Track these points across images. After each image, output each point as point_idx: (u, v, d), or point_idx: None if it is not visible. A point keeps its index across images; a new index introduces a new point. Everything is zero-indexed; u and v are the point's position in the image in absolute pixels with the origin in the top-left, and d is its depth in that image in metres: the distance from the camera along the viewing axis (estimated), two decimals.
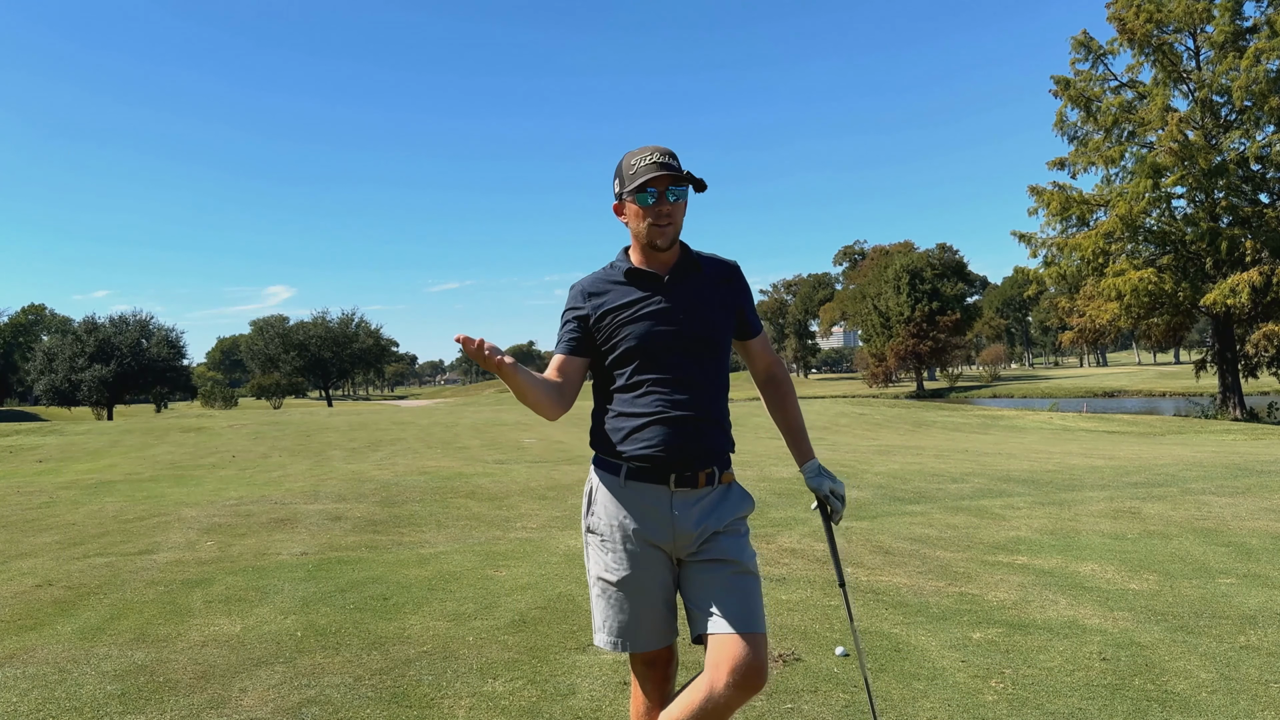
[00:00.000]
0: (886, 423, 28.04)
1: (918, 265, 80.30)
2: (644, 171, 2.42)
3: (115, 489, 10.84)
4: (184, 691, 3.78)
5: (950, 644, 4.34)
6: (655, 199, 2.43)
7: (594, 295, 2.53)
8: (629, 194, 2.45)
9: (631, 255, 2.58)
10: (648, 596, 2.47)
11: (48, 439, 21.49)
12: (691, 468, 2.45)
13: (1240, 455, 14.45)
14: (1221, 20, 29.93)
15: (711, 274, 2.59)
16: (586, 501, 2.58)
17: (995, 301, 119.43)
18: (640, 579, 2.46)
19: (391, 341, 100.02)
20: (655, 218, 2.45)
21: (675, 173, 2.41)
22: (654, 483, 2.45)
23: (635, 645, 2.48)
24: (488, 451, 15.76)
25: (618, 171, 2.51)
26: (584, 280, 2.59)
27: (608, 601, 2.49)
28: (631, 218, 2.50)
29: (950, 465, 12.39)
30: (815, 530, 7.29)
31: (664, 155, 2.44)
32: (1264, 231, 29.60)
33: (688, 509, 2.45)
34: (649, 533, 2.45)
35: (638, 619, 2.47)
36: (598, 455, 2.56)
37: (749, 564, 2.47)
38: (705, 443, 2.48)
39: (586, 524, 2.57)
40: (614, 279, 2.54)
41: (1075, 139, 33.24)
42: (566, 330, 2.55)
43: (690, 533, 2.44)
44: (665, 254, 2.52)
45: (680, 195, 2.46)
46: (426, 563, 6.22)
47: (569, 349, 2.52)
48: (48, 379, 63.07)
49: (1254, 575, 5.66)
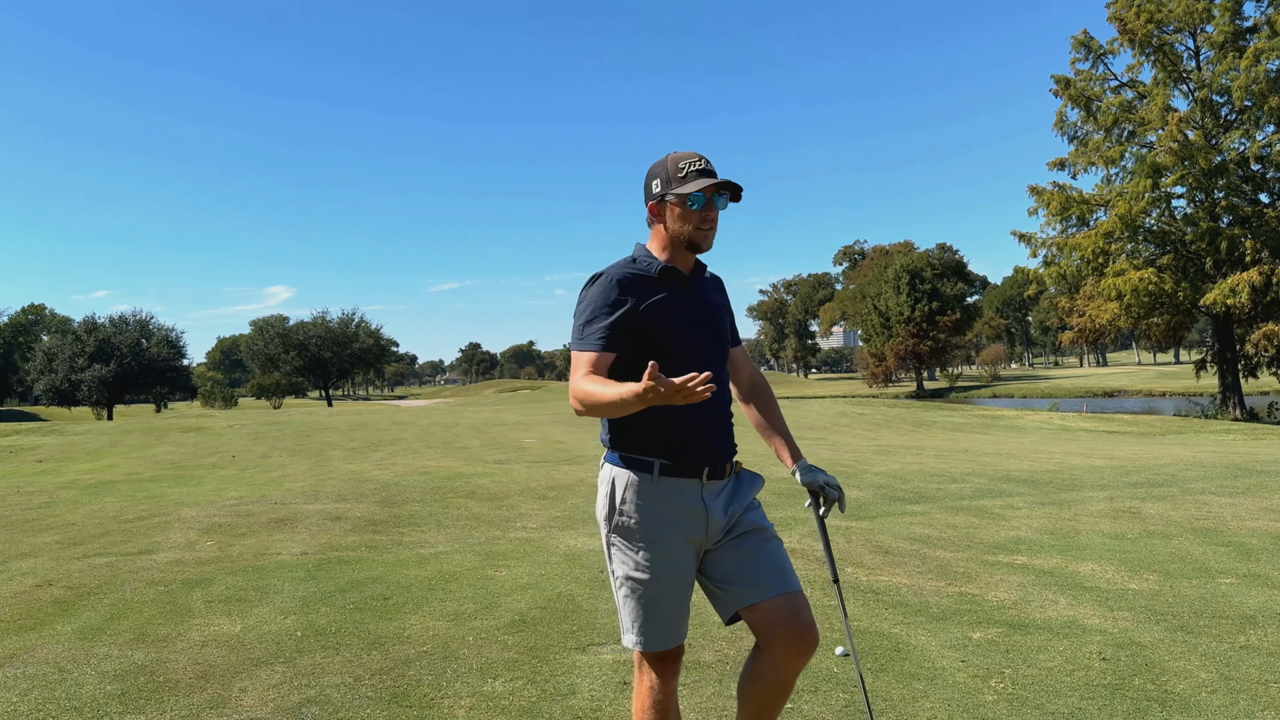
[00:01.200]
0: (886, 423, 28.04)
1: (918, 265, 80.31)
2: (694, 177, 2.47)
3: (115, 489, 10.84)
4: (184, 691, 3.78)
5: (950, 644, 4.34)
6: (703, 204, 2.49)
7: (628, 289, 2.48)
8: (675, 196, 2.48)
9: (657, 253, 2.59)
10: (678, 593, 2.50)
11: (48, 439, 21.49)
12: (720, 460, 2.54)
13: (1240, 455, 14.45)
14: (1221, 20, 29.94)
15: (713, 281, 2.73)
16: (610, 502, 2.52)
17: (995, 301, 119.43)
18: (671, 577, 2.48)
19: (391, 341, 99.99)
20: (701, 222, 2.50)
21: (725, 181, 2.48)
22: (687, 477, 2.49)
23: (667, 643, 2.49)
24: (488, 451, 15.76)
25: (658, 173, 2.53)
26: (616, 270, 2.53)
27: (638, 601, 2.48)
28: (673, 219, 2.52)
29: (950, 465, 12.39)
30: (815, 530, 7.29)
31: (708, 163, 2.51)
32: (1264, 231, 29.60)
33: (716, 499, 2.53)
34: (683, 528, 2.48)
35: (668, 617, 2.49)
36: (621, 454, 2.52)
37: (771, 529, 2.60)
38: (728, 436, 2.60)
39: (614, 524, 2.51)
40: (646, 275, 2.52)
41: (1075, 139, 33.25)
42: (600, 325, 2.44)
43: (720, 521, 2.52)
44: (689, 257, 2.59)
45: (723, 204, 2.53)
46: (426, 563, 6.22)
47: (605, 345, 2.43)
48: (48, 379, 63.06)
49: (1254, 575, 5.66)
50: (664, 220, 2.54)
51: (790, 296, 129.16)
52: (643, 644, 2.48)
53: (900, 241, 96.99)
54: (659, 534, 2.46)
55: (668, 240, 2.56)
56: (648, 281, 2.51)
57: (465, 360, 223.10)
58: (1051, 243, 33.29)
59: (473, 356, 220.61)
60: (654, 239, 2.60)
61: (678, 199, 2.48)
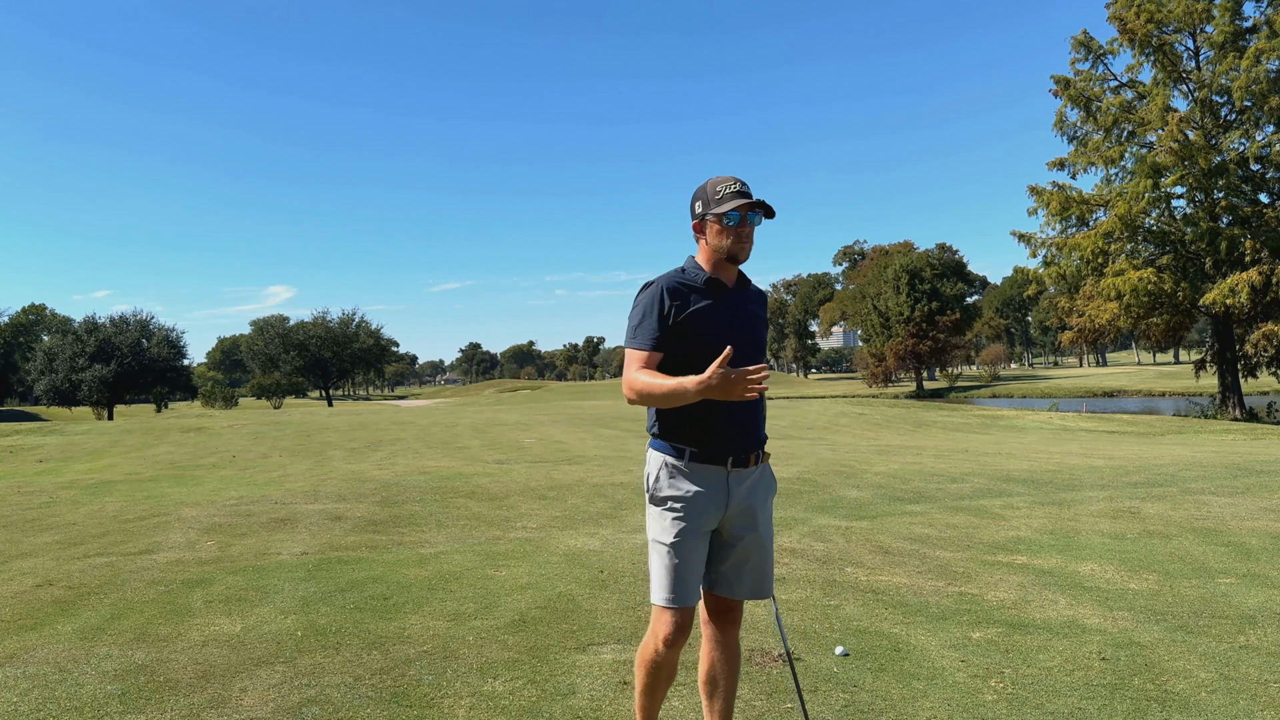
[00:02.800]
0: (886, 423, 28.05)
1: (917, 265, 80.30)
2: (730, 198, 2.84)
3: (115, 489, 10.84)
4: (184, 691, 3.78)
5: (950, 644, 4.34)
6: (739, 221, 2.85)
7: (676, 297, 2.85)
8: (714, 215, 2.86)
9: (703, 264, 2.95)
10: (698, 559, 2.88)
11: (48, 439, 21.48)
12: (746, 451, 2.90)
13: (1240, 455, 14.45)
14: (1221, 20, 29.93)
15: (755, 294, 3.07)
16: (652, 477, 2.93)
17: (995, 301, 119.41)
18: (695, 543, 2.87)
19: (391, 341, 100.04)
20: (738, 237, 2.86)
21: (757, 201, 2.84)
22: (713, 464, 2.86)
23: (684, 600, 2.85)
24: (488, 451, 15.76)
25: (700, 195, 2.92)
26: (666, 280, 2.90)
27: (663, 561, 2.86)
28: (713, 235, 2.89)
29: (950, 465, 12.39)
30: (815, 530, 7.30)
31: (743, 185, 2.88)
32: (1264, 231, 29.59)
33: (739, 485, 2.91)
34: (706, 506, 2.86)
35: (687, 578, 2.86)
36: (659, 440, 2.92)
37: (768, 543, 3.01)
38: (756, 432, 2.95)
39: (650, 496, 2.94)
40: (693, 284, 2.89)
41: (1075, 139, 33.24)
42: (650, 327, 2.84)
43: (739, 505, 2.91)
44: (732, 269, 2.95)
45: (757, 220, 2.90)
46: (426, 563, 6.22)
47: (655, 345, 2.83)
48: (48, 379, 63.04)
49: (1254, 575, 5.66)
50: (705, 236, 2.93)
51: (790, 296, 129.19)
52: (667, 599, 2.84)
53: (900, 241, 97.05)
54: (684, 509, 2.86)
55: (710, 254, 2.93)
56: (693, 290, 2.88)
57: (465, 360, 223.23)
58: (1051, 243, 33.28)
59: (473, 356, 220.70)
60: (700, 253, 2.97)
61: (716, 218, 2.86)
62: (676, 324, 2.83)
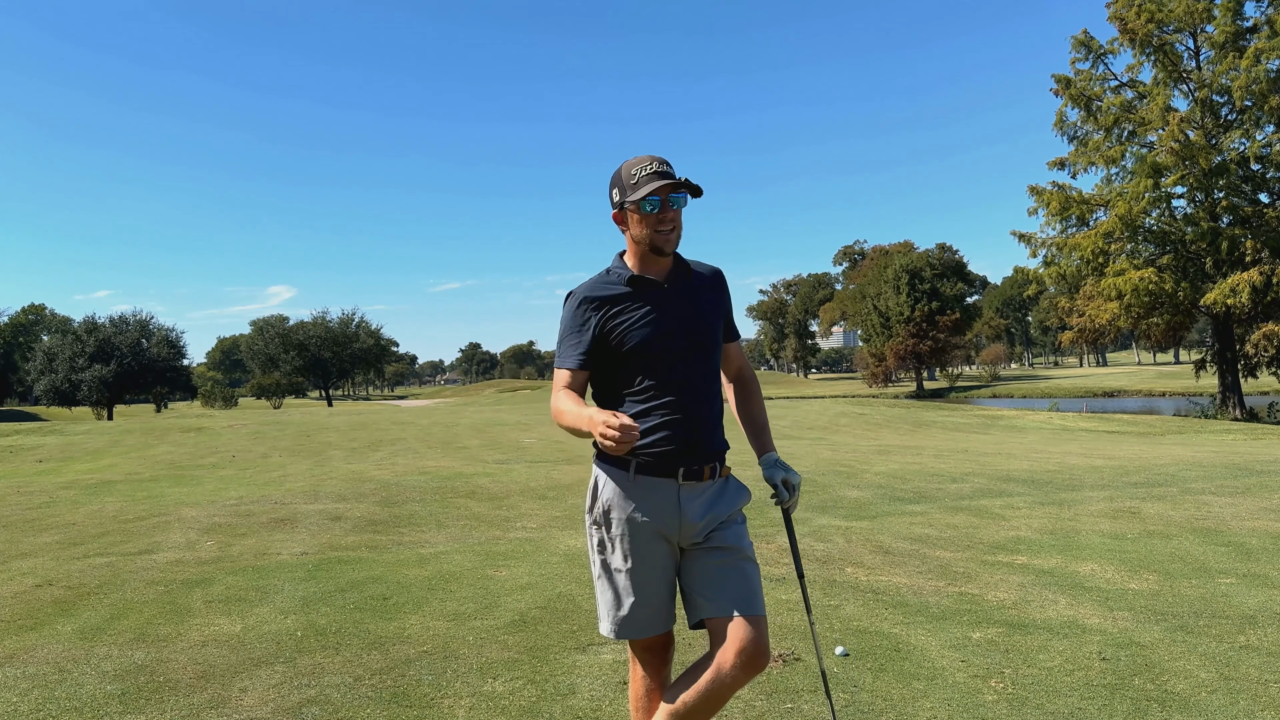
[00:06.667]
0: (886, 423, 28.05)
1: (917, 265, 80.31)
2: (646, 180, 2.50)
3: (115, 489, 10.84)
4: (184, 691, 3.78)
5: (950, 644, 4.34)
6: (659, 207, 2.51)
7: (597, 304, 2.58)
8: (631, 203, 2.52)
9: (629, 261, 2.65)
10: (651, 585, 2.57)
11: (48, 439, 21.49)
12: (698, 462, 2.58)
13: (1240, 455, 14.45)
14: (1222, 20, 29.93)
15: (702, 280, 2.71)
16: (591, 496, 2.65)
17: (995, 301, 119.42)
18: (644, 569, 2.56)
19: (391, 341, 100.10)
20: (659, 224, 2.53)
21: (676, 180, 2.50)
22: (662, 477, 2.55)
23: (638, 632, 2.59)
24: (488, 451, 15.76)
25: (615, 181, 2.58)
26: (584, 289, 2.62)
27: (612, 591, 2.59)
28: (634, 225, 2.57)
29: (950, 465, 12.39)
30: (815, 530, 7.29)
31: (662, 164, 2.53)
32: (1264, 231, 29.60)
33: (693, 501, 2.57)
34: (657, 524, 2.56)
35: (640, 607, 2.57)
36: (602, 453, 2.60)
37: (748, 551, 2.61)
38: (708, 439, 2.61)
39: (592, 518, 2.64)
40: (615, 286, 2.60)
41: (1075, 139, 33.26)
42: (572, 344, 2.58)
43: (696, 523, 2.56)
44: (663, 261, 2.62)
45: (681, 202, 2.55)
46: (426, 563, 6.22)
47: (581, 363, 2.57)
48: (48, 379, 63.05)
49: (1254, 575, 5.66)
50: (628, 227, 2.60)
51: (790, 296, 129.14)
52: (612, 632, 2.58)
53: (900, 241, 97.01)
54: (631, 528, 2.56)
55: (635, 248, 2.62)
56: (616, 295, 2.58)
57: (465, 360, 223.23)
58: (1051, 243, 33.29)
59: (473, 356, 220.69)
60: (627, 248, 2.66)
61: (634, 205, 2.52)
62: (601, 335, 2.55)
